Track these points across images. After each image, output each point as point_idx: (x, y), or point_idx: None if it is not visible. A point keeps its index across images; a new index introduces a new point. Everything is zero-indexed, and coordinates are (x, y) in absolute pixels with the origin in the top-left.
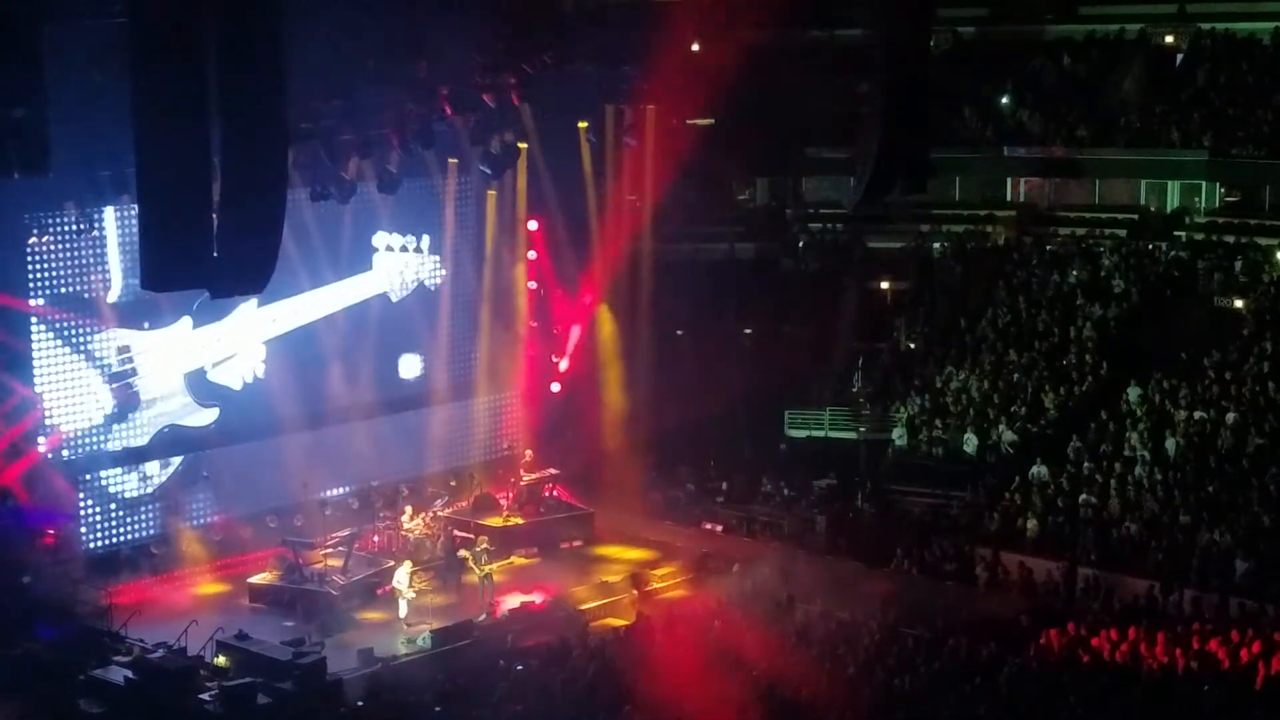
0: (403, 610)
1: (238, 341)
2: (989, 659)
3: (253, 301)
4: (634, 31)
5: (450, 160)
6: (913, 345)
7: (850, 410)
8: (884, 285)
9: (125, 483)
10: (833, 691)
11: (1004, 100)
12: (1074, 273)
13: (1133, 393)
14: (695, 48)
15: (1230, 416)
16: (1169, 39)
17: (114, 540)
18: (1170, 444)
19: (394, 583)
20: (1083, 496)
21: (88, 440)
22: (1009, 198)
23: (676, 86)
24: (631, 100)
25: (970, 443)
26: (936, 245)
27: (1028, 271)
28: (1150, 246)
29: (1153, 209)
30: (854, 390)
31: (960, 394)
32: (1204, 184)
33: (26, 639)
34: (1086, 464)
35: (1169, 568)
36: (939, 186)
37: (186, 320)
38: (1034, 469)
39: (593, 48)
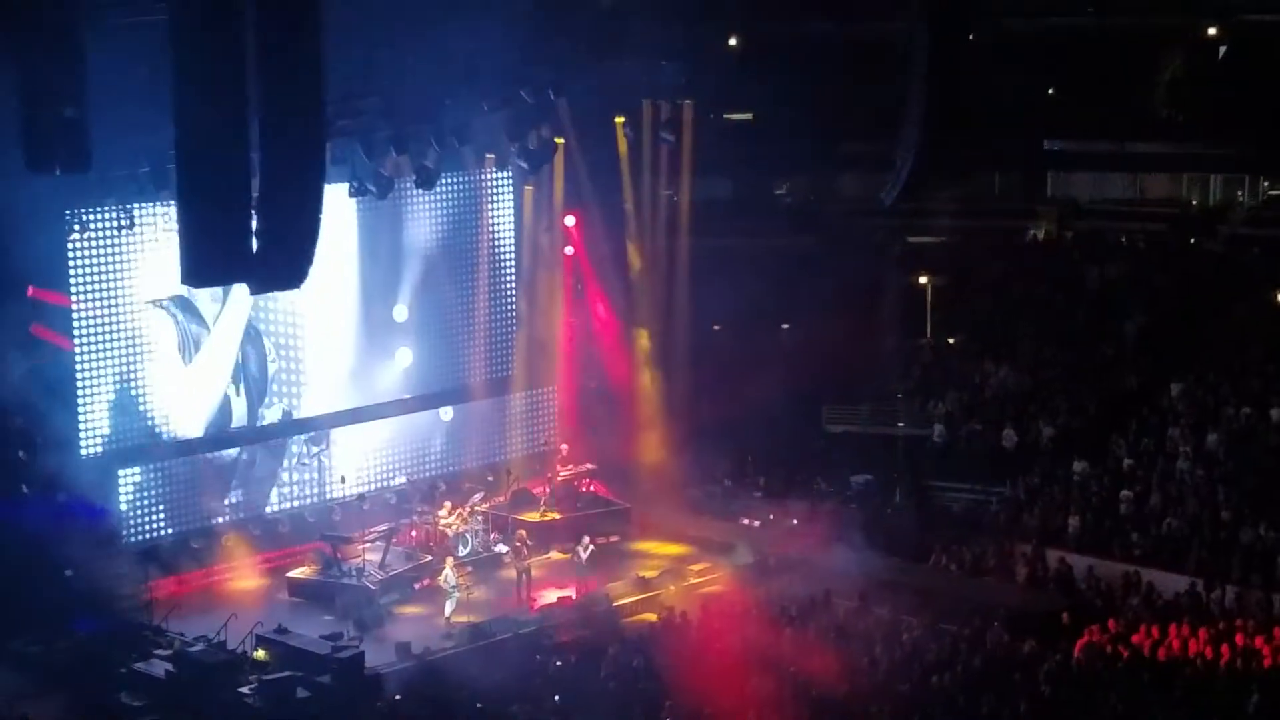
0: (449, 608)
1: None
2: (1029, 656)
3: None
4: (672, 26)
5: (487, 155)
6: (952, 340)
7: (889, 406)
8: (923, 280)
9: (166, 477)
10: (871, 688)
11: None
12: (1115, 267)
13: (1175, 388)
14: (733, 42)
15: (1274, 412)
16: (1211, 31)
17: (155, 534)
18: (1212, 439)
19: (440, 581)
20: (1124, 492)
21: (128, 433)
22: (1049, 192)
23: (714, 81)
24: (669, 95)
25: (1010, 438)
26: (975, 241)
27: (1068, 266)
28: (1192, 241)
29: (1194, 203)
30: (893, 386)
31: (1000, 389)
32: (1247, 177)
33: (68, 633)
34: (1127, 460)
35: (1211, 564)
36: (978, 181)
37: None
38: (1074, 465)
39: (630, 42)
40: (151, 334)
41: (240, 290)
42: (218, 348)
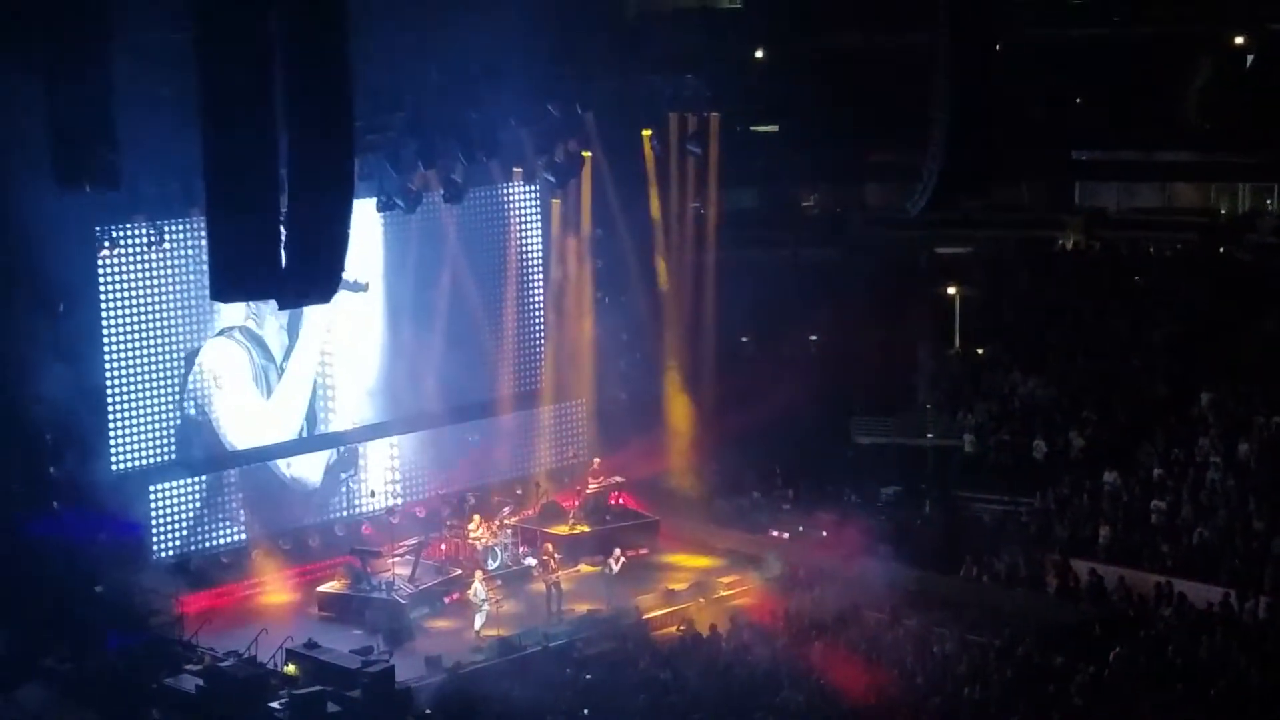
0: (478, 622)
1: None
2: (1061, 668)
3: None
4: (698, 38)
5: (515, 169)
6: (981, 351)
7: (918, 417)
8: (951, 291)
9: (195, 492)
10: (902, 701)
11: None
12: (1143, 276)
13: (1205, 397)
14: (759, 54)
15: None
16: (1239, 40)
17: (185, 549)
18: (1243, 449)
19: (470, 595)
20: (1154, 503)
21: (159, 449)
22: (1077, 202)
23: (740, 93)
24: (695, 107)
25: (1040, 449)
26: (1004, 250)
27: (1097, 276)
28: (1221, 250)
29: (1223, 212)
30: (922, 396)
31: (1029, 400)
32: (1276, 186)
33: (100, 648)
34: (1158, 470)
35: (1243, 575)
36: (1006, 191)
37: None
38: (1105, 475)
39: (656, 55)
40: (217, 359)
41: (313, 324)
42: (295, 380)
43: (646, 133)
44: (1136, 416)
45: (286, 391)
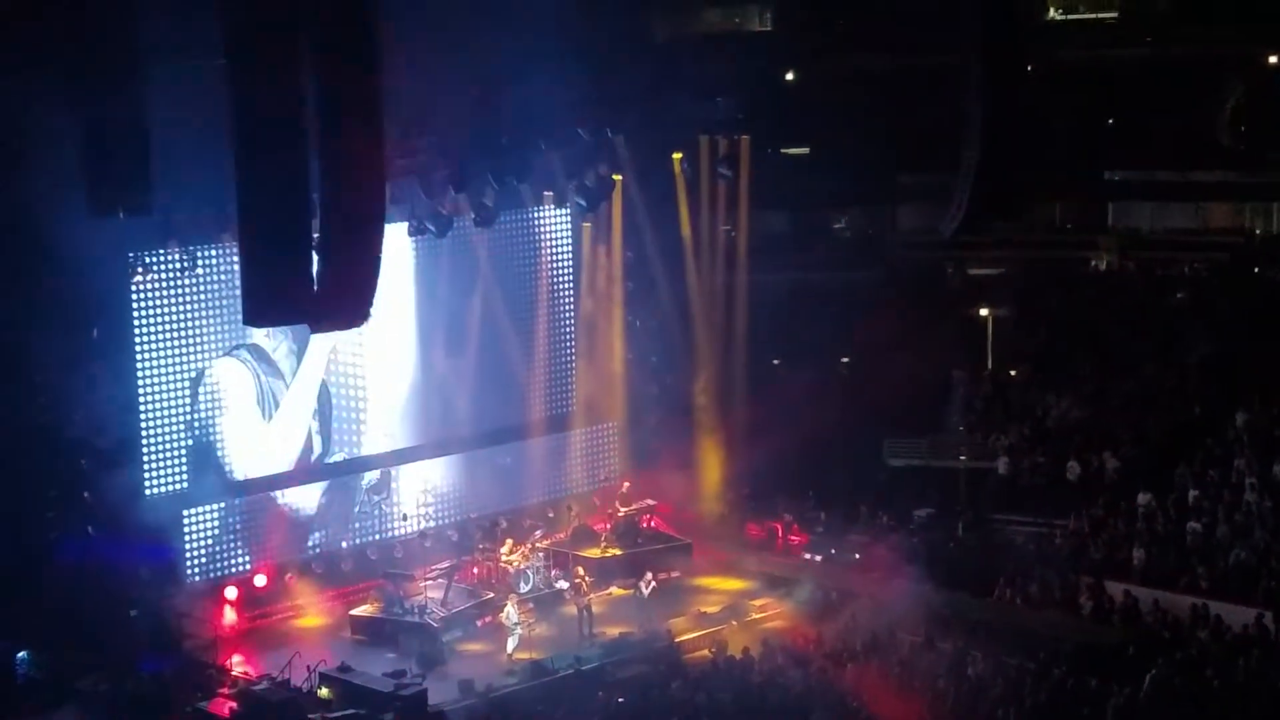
0: (511, 645)
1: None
2: (1096, 690)
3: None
4: (727, 61)
5: (545, 193)
6: (1014, 372)
7: (951, 438)
8: (984, 312)
9: (228, 516)
10: None
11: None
12: (1177, 297)
13: (1240, 418)
14: (789, 77)
15: None
16: (1272, 59)
17: (218, 573)
18: (1278, 469)
19: (503, 618)
20: (1190, 524)
21: (194, 474)
22: (1110, 222)
23: (770, 116)
24: (726, 130)
25: (1073, 470)
26: (1037, 271)
27: (1130, 296)
28: (1255, 270)
29: (1257, 232)
30: (954, 418)
31: (1063, 421)
32: None
33: (134, 672)
34: (1193, 491)
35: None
36: (1039, 211)
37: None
38: (1139, 496)
39: (687, 78)
40: (224, 380)
41: (319, 346)
42: (297, 403)
43: (677, 155)
44: (1171, 437)
45: (288, 411)
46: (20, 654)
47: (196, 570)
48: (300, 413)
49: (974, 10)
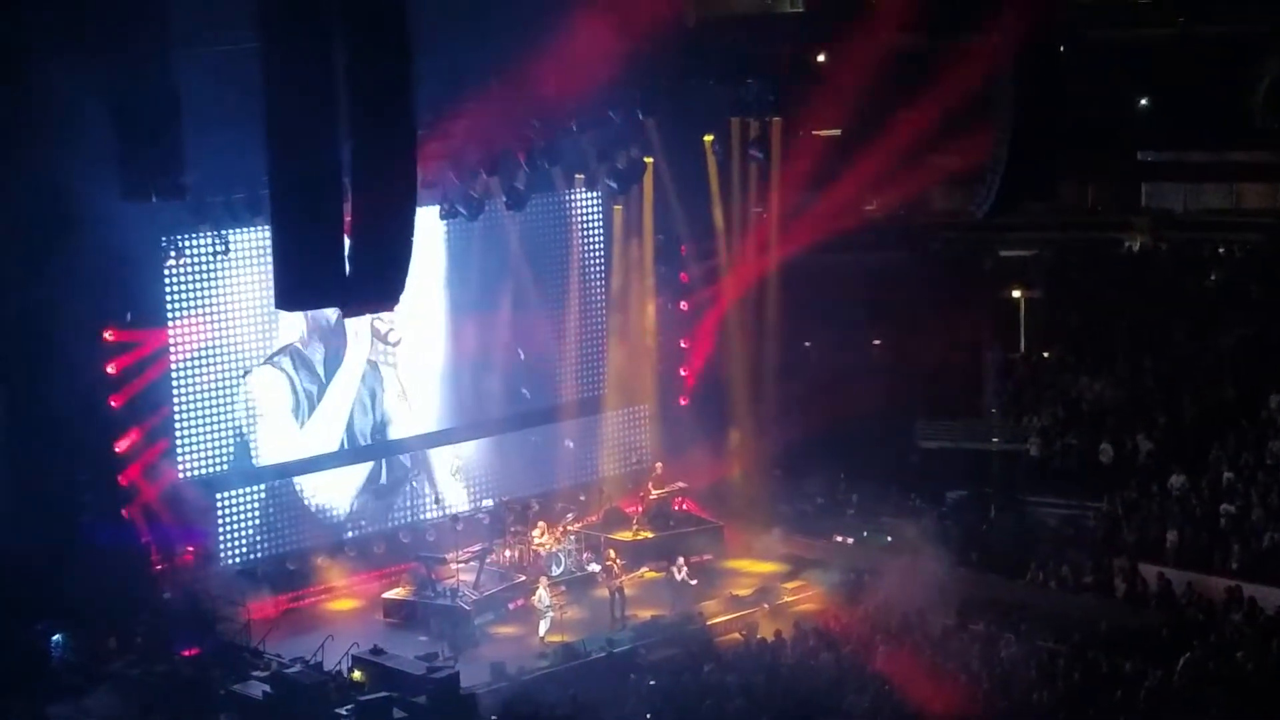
0: (543, 628)
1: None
2: (1129, 673)
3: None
4: (759, 43)
5: (576, 176)
6: (1046, 354)
7: (983, 420)
8: (1016, 294)
9: (261, 499)
10: (969, 706)
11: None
12: (1211, 278)
13: (1274, 399)
14: (821, 58)
15: None
16: None
17: (251, 556)
18: None
19: (534, 601)
20: (1223, 506)
21: (225, 457)
22: (1144, 203)
23: (802, 98)
24: (757, 113)
25: (1106, 452)
26: (1069, 253)
27: (1163, 277)
28: None
29: None
30: (987, 400)
31: (1096, 402)
32: None
33: (167, 655)
34: (1227, 473)
35: None
36: (1071, 192)
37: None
38: (1172, 478)
39: (717, 61)
40: (259, 390)
41: (357, 348)
42: (333, 407)
43: (708, 138)
44: (1205, 419)
45: (321, 420)
46: (55, 636)
47: (231, 554)
48: (336, 416)
49: None
